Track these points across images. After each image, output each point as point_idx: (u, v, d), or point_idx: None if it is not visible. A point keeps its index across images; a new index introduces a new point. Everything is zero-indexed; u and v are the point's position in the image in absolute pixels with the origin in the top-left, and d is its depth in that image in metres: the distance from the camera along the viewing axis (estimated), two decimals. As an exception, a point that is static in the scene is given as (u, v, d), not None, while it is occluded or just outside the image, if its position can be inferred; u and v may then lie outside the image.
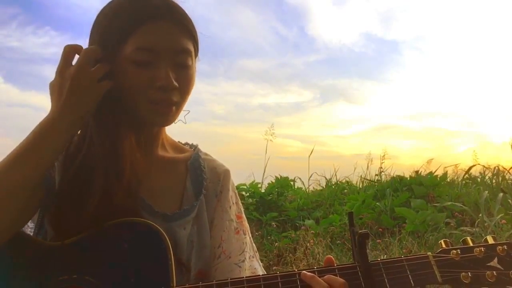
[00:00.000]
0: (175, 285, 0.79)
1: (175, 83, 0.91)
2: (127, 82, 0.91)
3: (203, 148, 1.13)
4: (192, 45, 0.96)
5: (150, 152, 1.01)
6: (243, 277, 0.79)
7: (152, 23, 0.90)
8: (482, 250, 0.76)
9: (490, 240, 0.78)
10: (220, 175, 1.07)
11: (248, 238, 1.05)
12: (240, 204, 1.10)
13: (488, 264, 0.75)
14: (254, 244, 1.07)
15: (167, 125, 1.00)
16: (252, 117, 9.15)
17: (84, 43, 0.94)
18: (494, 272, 0.74)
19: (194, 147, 1.12)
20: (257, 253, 1.06)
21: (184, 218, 0.97)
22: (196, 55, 0.99)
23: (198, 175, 1.04)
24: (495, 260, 0.75)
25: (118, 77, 0.92)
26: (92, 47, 0.91)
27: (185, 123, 1.03)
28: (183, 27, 0.93)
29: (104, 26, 0.93)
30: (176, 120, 0.99)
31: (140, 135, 0.97)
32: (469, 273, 0.75)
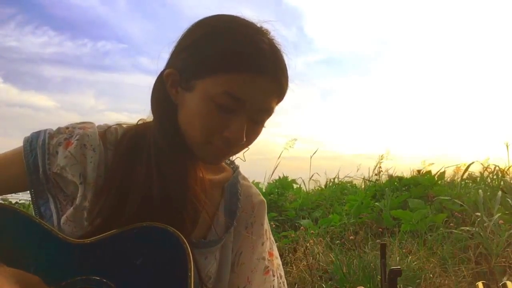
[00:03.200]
0: None
1: (244, 139, 0.83)
2: (195, 115, 0.82)
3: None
4: (277, 104, 0.88)
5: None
6: None
7: (253, 75, 0.80)
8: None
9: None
10: (255, 206, 1.02)
11: (277, 278, 0.96)
12: (272, 238, 1.05)
13: None
14: (284, 279, 1.00)
15: (214, 165, 0.96)
16: (252, 117, 9.16)
17: (82, 43, 0.93)
18: None
19: (235, 169, 1.04)
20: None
21: (208, 248, 0.92)
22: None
23: (233, 204, 0.98)
24: None
25: (187, 104, 0.84)
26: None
27: (244, 161, 0.98)
28: (280, 88, 0.85)
29: (199, 48, 0.82)
30: (235, 157, 0.98)
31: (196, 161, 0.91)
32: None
